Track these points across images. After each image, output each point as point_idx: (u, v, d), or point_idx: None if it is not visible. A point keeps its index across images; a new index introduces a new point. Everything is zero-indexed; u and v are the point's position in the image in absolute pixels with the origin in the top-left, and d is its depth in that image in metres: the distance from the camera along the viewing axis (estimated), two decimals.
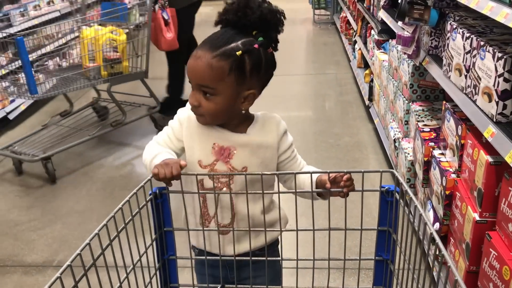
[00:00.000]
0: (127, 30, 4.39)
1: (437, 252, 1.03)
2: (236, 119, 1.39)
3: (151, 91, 4.51)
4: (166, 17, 4.27)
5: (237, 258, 1.38)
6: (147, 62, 4.30)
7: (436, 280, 1.40)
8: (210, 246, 1.43)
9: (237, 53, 1.26)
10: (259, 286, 1.39)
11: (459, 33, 2.04)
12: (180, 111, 1.45)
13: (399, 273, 1.29)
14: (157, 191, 1.31)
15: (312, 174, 1.28)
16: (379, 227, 1.34)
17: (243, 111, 1.36)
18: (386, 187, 1.29)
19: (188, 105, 1.39)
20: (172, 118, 1.46)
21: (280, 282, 1.50)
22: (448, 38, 2.17)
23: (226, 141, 1.38)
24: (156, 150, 1.39)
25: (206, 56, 1.27)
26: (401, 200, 1.26)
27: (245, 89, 1.32)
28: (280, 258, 1.45)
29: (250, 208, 1.32)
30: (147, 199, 1.29)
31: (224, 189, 1.38)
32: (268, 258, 1.36)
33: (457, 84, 2.08)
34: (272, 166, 1.43)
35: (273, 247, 1.52)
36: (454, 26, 2.10)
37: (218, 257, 1.39)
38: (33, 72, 4.50)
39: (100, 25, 4.20)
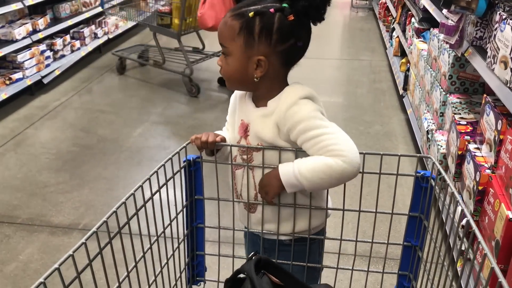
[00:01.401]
0: None
1: (465, 247, 1.00)
2: (261, 89, 1.31)
3: (186, 55, 4.78)
4: None
5: (273, 240, 1.38)
6: (179, 26, 4.63)
7: (468, 271, 1.37)
8: (247, 223, 1.44)
9: (250, 14, 1.22)
10: (299, 263, 1.38)
11: (508, 24, 1.95)
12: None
13: (427, 260, 1.26)
14: (192, 159, 1.32)
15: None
16: (411, 213, 1.31)
17: (256, 79, 1.27)
18: (422, 173, 1.27)
19: None
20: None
21: (318, 273, 1.47)
22: (496, 29, 2.09)
23: (248, 116, 1.35)
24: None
25: (227, 15, 1.28)
26: (436, 187, 1.24)
27: (254, 53, 1.25)
28: (323, 237, 1.42)
29: None
30: (181, 166, 1.31)
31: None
32: (311, 236, 1.36)
33: (501, 77, 2.00)
34: (290, 144, 1.29)
35: (304, 241, 1.38)
36: (504, 17, 2.01)
37: (246, 230, 1.42)
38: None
39: None
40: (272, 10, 1.22)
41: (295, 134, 1.23)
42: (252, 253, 1.05)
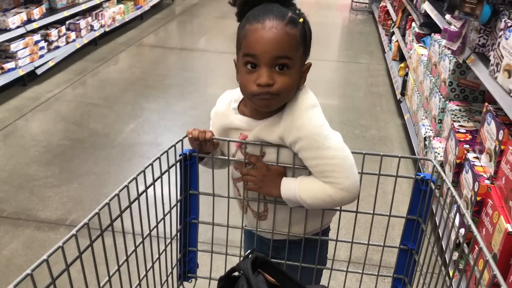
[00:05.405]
0: None
1: (463, 253, 0.96)
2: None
3: None
4: None
5: (280, 240, 1.36)
6: None
7: (468, 276, 1.34)
8: (252, 227, 1.40)
9: (300, 20, 1.16)
10: (308, 265, 1.37)
11: None
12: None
13: (423, 265, 1.23)
14: (188, 153, 1.30)
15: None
16: (409, 216, 1.28)
17: (299, 89, 1.22)
18: (422, 175, 1.24)
19: (220, 101, 1.33)
20: None
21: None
22: (500, 37, 2.04)
23: (248, 129, 1.26)
24: None
25: (280, 24, 1.12)
26: (436, 190, 1.20)
27: (305, 60, 1.21)
28: (332, 239, 1.39)
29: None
30: (177, 159, 1.28)
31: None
32: (322, 238, 1.35)
33: (504, 86, 1.96)
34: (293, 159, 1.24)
35: (313, 240, 1.38)
36: (509, 24, 1.97)
37: (240, 228, 1.39)
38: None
39: None
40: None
41: (297, 148, 1.20)
42: (249, 251, 1.01)
